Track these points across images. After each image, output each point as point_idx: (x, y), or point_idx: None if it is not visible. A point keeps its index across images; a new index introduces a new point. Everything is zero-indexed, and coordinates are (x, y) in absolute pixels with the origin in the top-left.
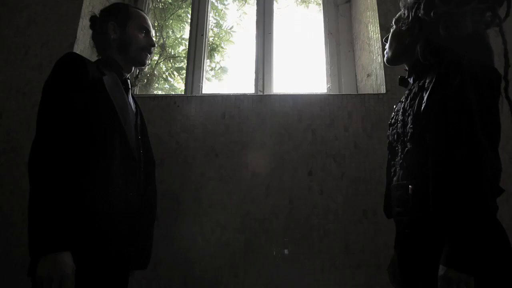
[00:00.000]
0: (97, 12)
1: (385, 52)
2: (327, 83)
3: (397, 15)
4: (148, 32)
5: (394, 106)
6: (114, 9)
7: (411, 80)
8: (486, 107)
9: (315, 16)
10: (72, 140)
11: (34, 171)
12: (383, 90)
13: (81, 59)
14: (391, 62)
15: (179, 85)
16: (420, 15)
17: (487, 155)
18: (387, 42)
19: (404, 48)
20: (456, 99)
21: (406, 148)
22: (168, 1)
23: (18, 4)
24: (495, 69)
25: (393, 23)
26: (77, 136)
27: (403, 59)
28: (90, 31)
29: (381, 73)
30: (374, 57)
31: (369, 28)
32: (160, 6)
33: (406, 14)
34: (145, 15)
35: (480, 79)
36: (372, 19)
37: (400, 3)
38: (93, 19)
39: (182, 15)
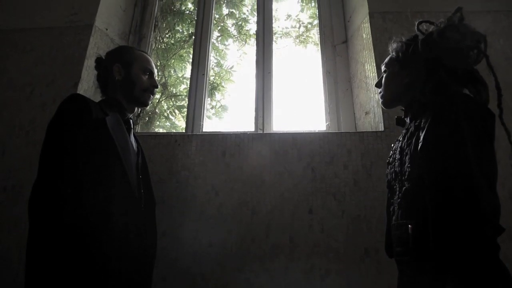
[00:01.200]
0: (102, 53)
1: (379, 96)
2: (326, 121)
3: (387, 60)
4: (151, 73)
5: (392, 145)
6: (120, 51)
7: (407, 120)
8: (481, 145)
9: (313, 56)
10: (73, 181)
11: (34, 212)
12: (381, 127)
13: (84, 100)
14: (389, 106)
15: (180, 123)
16: (419, 52)
17: (485, 193)
18: (379, 87)
19: (401, 90)
20: (451, 137)
21: (404, 187)
22: (170, 42)
23: (27, 45)
24: (488, 108)
25: (383, 67)
26: (78, 177)
27: (400, 100)
28: (95, 72)
29: (378, 111)
30: (372, 95)
31: (366, 67)
32: (163, 47)
33: (401, 56)
34: (149, 57)
35: (474, 118)
36: (368, 59)
37: (390, 47)
38: (98, 61)
39: (184, 55)
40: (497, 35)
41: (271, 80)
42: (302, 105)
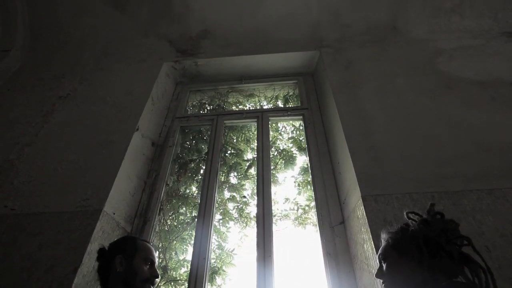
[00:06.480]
0: (106, 236)
1: (383, 286)
2: None
3: (383, 250)
4: (152, 263)
5: None
6: (123, 243)
7: None
8: None
9: (313, 236)
10: None
11: None
12: None
13: None
14: None
15: None
16: (417, 235)
17: None
18: (380, 278)
19: (407, 275)
20: None
21: None
22: (174, 224)
23: (35, 229)
24: None
25: (380, 257)
26: None
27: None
28: (95, 256)
29: None
30: (374, 278)
31: (365, 248)
32: (166, 228)
33: (399, 241)
34: (150, 247)
35: None
36: (367, 240)
37: (381, 236)
38: (101, 252)
39: (186, 237)
40: (484, 213)
41: (272, 263)
42: None
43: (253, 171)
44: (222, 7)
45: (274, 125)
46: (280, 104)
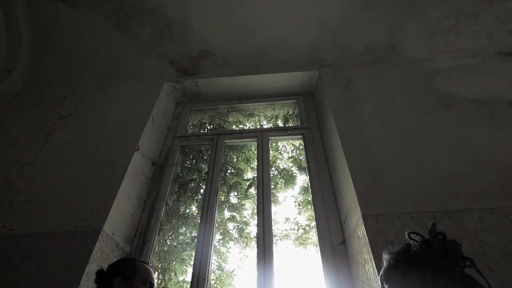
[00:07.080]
0: (105, 257)
1: None
2: None
3: (384, 271)
4: (152, 285)
5: None
6: (122, 264)
7: None
8: None
9: (314, 256)
10: None
11: None
12: None
13: None
14: None
15: None
16: (420, 255)
17: None
18: None
19: None
20: None
21: None
22: (173, 244)
23: (34, 250)
24: None
25: (382, 279)
26: None
27: None
28: (93, 277)
29: None
30: None
31: (366, 269)
32: (166, 249)
33: (401, 262)
34: (150, 268)
35: None
36: (368, 260)
37: (383, 257)
38: (99, 274)
39: (185, 257)
40: (486, 232)
41: (272, 284)
42: None
43: (253, 190)
44: (223, 28)
45: (274, 144)
46: (280, 123)
